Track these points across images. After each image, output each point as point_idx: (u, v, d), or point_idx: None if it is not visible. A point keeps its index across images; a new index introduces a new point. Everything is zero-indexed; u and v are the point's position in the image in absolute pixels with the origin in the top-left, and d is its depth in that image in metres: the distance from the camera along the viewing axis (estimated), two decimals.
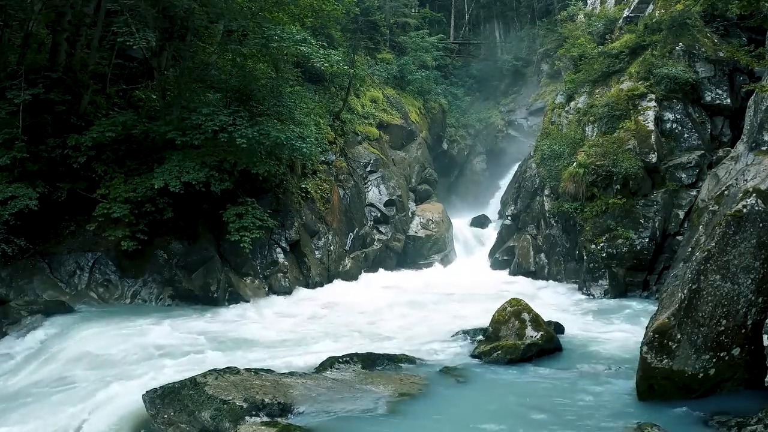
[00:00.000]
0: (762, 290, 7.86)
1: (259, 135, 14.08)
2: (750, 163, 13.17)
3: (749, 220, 7.99)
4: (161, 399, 7.65)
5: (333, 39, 22.66)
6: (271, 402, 7.63)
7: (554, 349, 10.64)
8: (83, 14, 15.49)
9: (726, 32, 18.35)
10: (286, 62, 16.92)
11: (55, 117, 13.94)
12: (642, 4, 21.14)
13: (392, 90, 27.02)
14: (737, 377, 7.94)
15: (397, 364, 9.68)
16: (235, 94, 15.63)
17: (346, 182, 20.62)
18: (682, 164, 16.61)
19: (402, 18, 33.48)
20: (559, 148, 18.51)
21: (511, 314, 11.00)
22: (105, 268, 14.08)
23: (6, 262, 13.11)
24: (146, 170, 14.26)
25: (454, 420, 7.68)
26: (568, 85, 21.30)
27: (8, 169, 12.99)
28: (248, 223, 14.34)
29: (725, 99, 17.38)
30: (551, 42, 29.14)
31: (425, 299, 16.02)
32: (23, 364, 10.39)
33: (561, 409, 7.98)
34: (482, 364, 10.07)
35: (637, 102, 17.59)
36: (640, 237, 15.98)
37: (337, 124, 21.37)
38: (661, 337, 7.88)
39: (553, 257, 18.97)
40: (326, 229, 18.69)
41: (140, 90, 16.50)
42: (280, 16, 16.20)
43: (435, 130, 29.98)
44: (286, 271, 16.29)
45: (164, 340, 11.16)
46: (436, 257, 22.59)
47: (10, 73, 13.94)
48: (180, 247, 14.63)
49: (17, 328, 11.79)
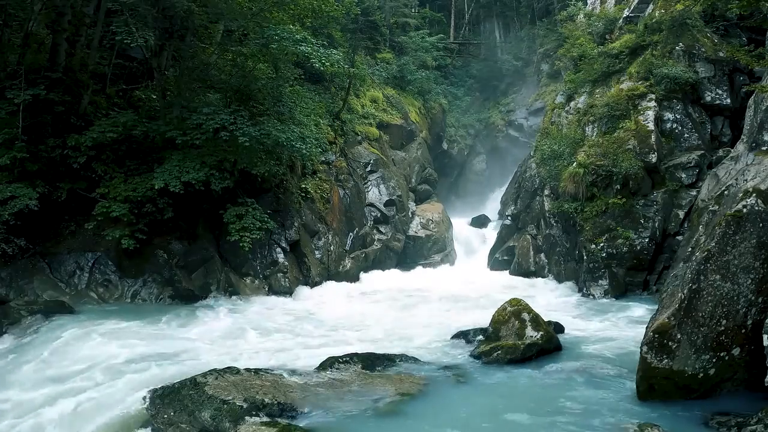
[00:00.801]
0: (762, 290, 7.85)
1: (260, 134, 14.09)
2: (750, 163, 13.15)
3: (749, 220, 7.99)
4: (161, 399, 7.66)
5: (333, 39, 22.66)
6: (271, 402, 7.63)
7: (554, 349, 10.63)
8: (83, 14, 15.50)
9: (726, 32, 18.34)
10: (286, 62, 16.93)
11: (55, 117, 13.94)
12: (642, 4, 21.12)
13: (392, 90, 27.02)
14: (737, 377, 7.94)
15: (397, 364, 9.67)
16: (235, 94, 15.64)
17: (346, 182, 20.63)
18: (682, 164, 16.61)
19: (402, 18, 33.49)
20: (559, 148, 18.50)
21: (511, 314, 10.99)
22: (105, 268, 14.08)
23: (6, 262, 13.12)
24: (146, 170, 14.28)
25: (454, 420, 7.68)
26: (568, 85, 21.30)
27: (8, 169, 12.99)
28: (248, 224, 14.36)
29: (725, 99, 17.38)
30: (551, 42, 29.15)
31: (425, 299, 16.02)
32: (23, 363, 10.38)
33: (561, 409, 7.97)
34: (482, 364, 10.06)
35: (637, 102, 17.59)
36: (640, 237, 15.97)
37: (337, 124, 21.37)
38: (661, 337, 7.88)
39: (553, 257, 18.97)
40: (326, 229, 18.70)
41: (140, 90, 16.51)
42: (280, 16, 16.21)
43: (435, 130, 29.99)
44: (286, 271, 16.30)
45: (165, 339, 11.18)
46: (436, 257, 22.59)
47: (10, 73, 13.94)
48: (180, 247, 14.63)
49: (17, 328, 11.78)
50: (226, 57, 16.59)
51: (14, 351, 10.98)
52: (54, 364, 10.14)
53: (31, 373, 9.91)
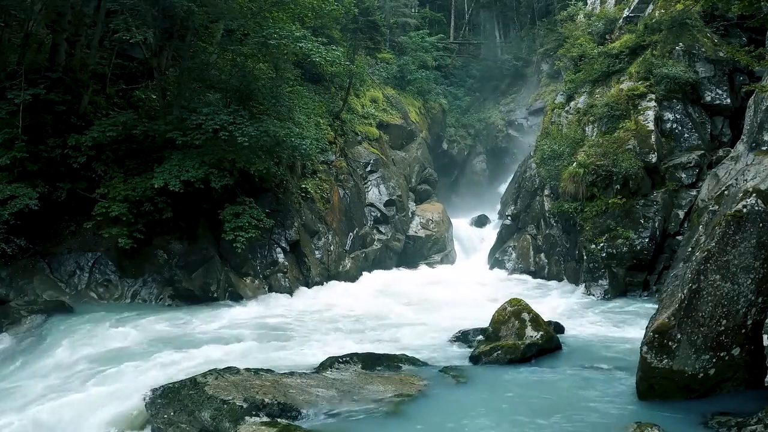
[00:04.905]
0: (762, 290, 7.85)
1: (259, 133, 14.09)
2: (750, 163, 13.18)
3: (749, 220, 7.99)
4: (161, 399, 7.66)
5: (333, 39, 22.66)
6: (271, 402, 7.62)
7: (554, 349, 10.64)
8: (83, 14, 15.49)
9: (726, 32, 18.35)
10: (286, 62, 16.93)
11: (55, 117, 13.94)
12: (642, 4, 21.12)
13: (392, 90, 27.02)
14: (737, 377, 7.93)
15: (397, 364, 9.67)
16: (235, 94, 15.64)
17: (346, 182, 20.63)
18: (682, 164, 16.61)
19: (402, 18, 33.48)
20: (559, 148, 18.51)
21: (511, 314, 11.00)
22: (105, 268, 14.08)
23: (6, 262, 13.13)
24: (146, 170, 14.27)
25: (454, 420, 7.68)
26: (568, 85, 21.30)
27: (8, 169, 13.00)
28: (244, 223, 14.31)
29: (725, 99, 17.38)
30: (551, 42, 29.11)
31: (425, 299, 16.02)
32: (23, 363, 10.39)
33: (561, 408, 7.97)
34: (482, 364, 10.07)
35: (637, 102, 17.59)
36: (640, 237, 15.97)
37: (337, 124, 21.38)
38: (661, 337, 7.87)
39: (553, 257, 18.97)
40: (326, 229, 18.70)
41: (140, 90, 16.51)
42: (280, 15, 16.21)
43: (435, 130, 29.97)
44: (286, 271, 16.30)
45: (164, 339, 11.18)
46: (436, 257, 22.59)
47: (10, 73, 13.95)
48: (180, 247, 14.63)
49: (17, 328, 11.78)
50: (226, 57, 16.60)
51: (14, 351, 11.00)
52: (53, 364, 10.16)
53: (30, 373, 9.93)
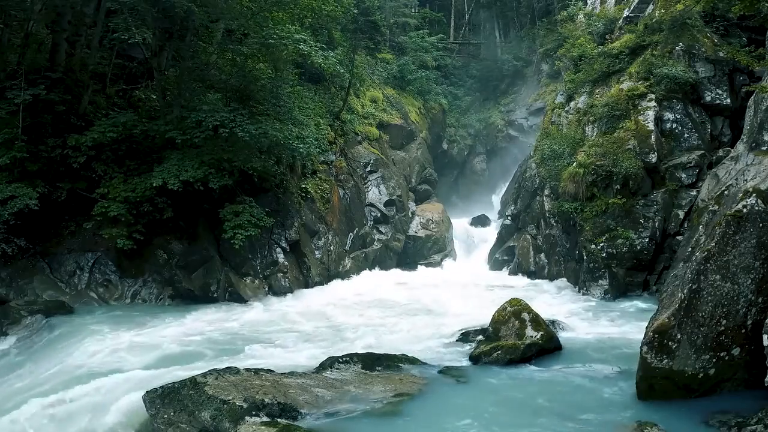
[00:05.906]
0: (762, 290, 7.86)
1: (258, 133, 14.10)
2: (750, 163, 13.17)
3: (749, 220, 7.99)
4: (161, 399, 7.65)
5: (333, 39, 22.66)
6: (271, 402, 7.62)
7: (554, 349, 10.62)
8: (83, 14, 15.50)
9: (726, 32, 18.32)
10: (285, 62, 16.92)
11: (55, 117, 13.95)
12: (642, 4, 21.11)
13: (392, 90, 27.01)
14: (737, 377, 7.94)
15: (397, 364, 9.65)
16: (235, 94, 15.64)
17: (346, 182, 20.63)
18: (682, 164, 16.60)
19: (402, 18, 33.45)
20: (559, 148, 18.50)
21: (511, 314, 10.99)
22: (105, 268, 14.09)
23: (6, 262, 13.14)
24: (146, 170, 14.28)
25: (454, 420, 7.67)
26: (568, 85, 21.29)
27: (8, 169, 13.01)
28: (243, 222, 14.32)
29: (725, 99, 17.37)
30: (551, 42, 29.06)
31: (425, 299, 16.00)
32: (23, 363, 10.40)
33: (561, 408, 7.97)
34: (482, 364, 10.06)
35: (637, 102, 17.58)
36: (640, 237, 15.96)
37: (337, 124, 21.38)
38: (661, 337, 7.87)
39: (553, 257, 18.97)
40: (326, 229, 18.70)
41: (140, 90, 16.51)
42: (280, 15, 16.20)
43: (435, 130, 29.96)
44: (286, 271, 16.29)
45: (164, 339, 11.18)
46: (436, 257, 22.59)
47: (10, 73, 13.96)
48: (180, 247, 14.64)
49: (17, 328, 11.79)
50: (226, 57, 16.60)
51: (14, 351, 11.02)
52: (53, 363, 10.16)
53: (30, 373, 9.93)
